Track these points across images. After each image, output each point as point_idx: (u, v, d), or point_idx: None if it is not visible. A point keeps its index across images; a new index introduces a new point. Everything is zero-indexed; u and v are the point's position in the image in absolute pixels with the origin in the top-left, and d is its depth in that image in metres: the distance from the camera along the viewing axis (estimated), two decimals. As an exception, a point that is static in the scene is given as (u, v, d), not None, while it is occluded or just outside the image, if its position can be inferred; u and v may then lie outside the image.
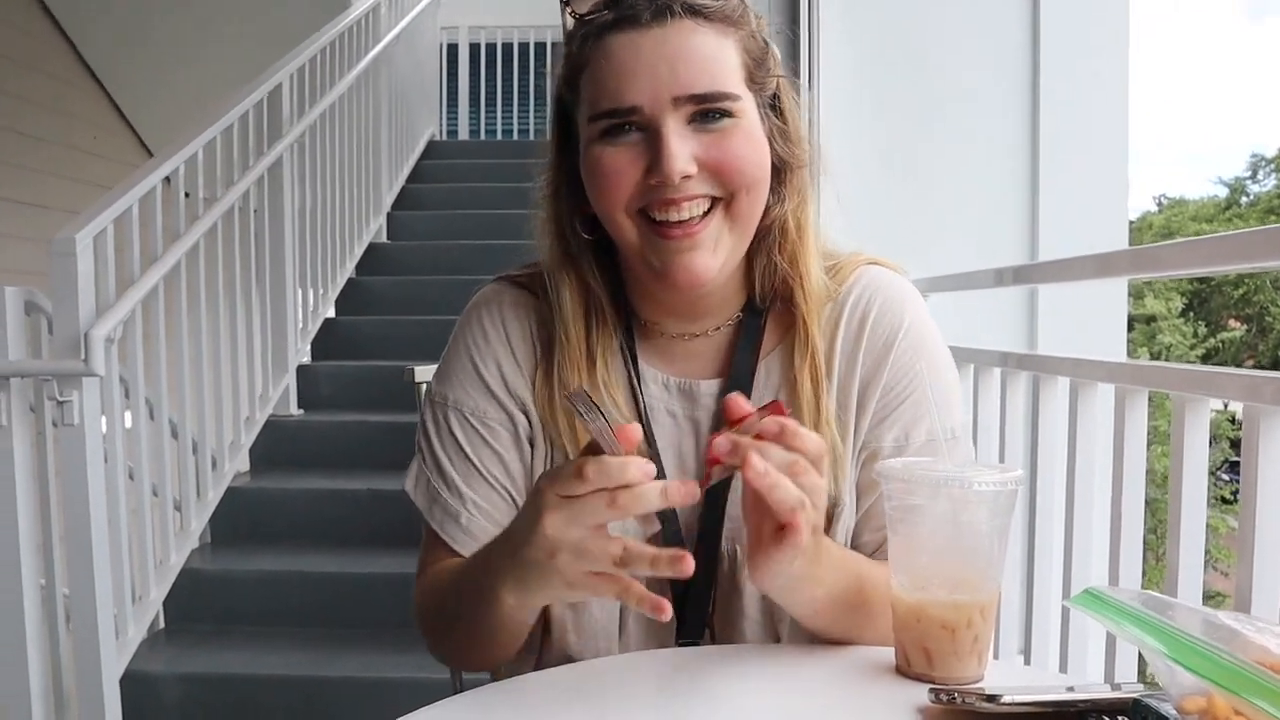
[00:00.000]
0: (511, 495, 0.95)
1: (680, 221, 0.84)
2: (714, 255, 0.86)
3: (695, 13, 0.82)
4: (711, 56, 0.82)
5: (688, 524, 0.92)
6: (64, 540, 2.29)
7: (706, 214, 0.85)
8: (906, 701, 0.75)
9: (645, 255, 0.87)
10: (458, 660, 0.96)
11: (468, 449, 0.95)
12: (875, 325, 0.93)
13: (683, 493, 0.67)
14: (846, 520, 0.92)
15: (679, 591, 0.90)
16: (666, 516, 0.91)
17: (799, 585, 0.78)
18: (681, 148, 0.81)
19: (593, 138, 0.85)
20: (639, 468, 0.66)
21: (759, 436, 0.71)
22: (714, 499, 0.90)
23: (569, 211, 0.92)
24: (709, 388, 0.94)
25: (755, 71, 0.86)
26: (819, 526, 0.75)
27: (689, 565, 0.67)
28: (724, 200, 0.85)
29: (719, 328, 0.95)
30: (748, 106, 0.85)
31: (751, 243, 0.91)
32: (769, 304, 0.94)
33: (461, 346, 0.98)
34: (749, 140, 0.85)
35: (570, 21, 0.87)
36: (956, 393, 0.97)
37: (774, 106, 0.89)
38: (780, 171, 0.90)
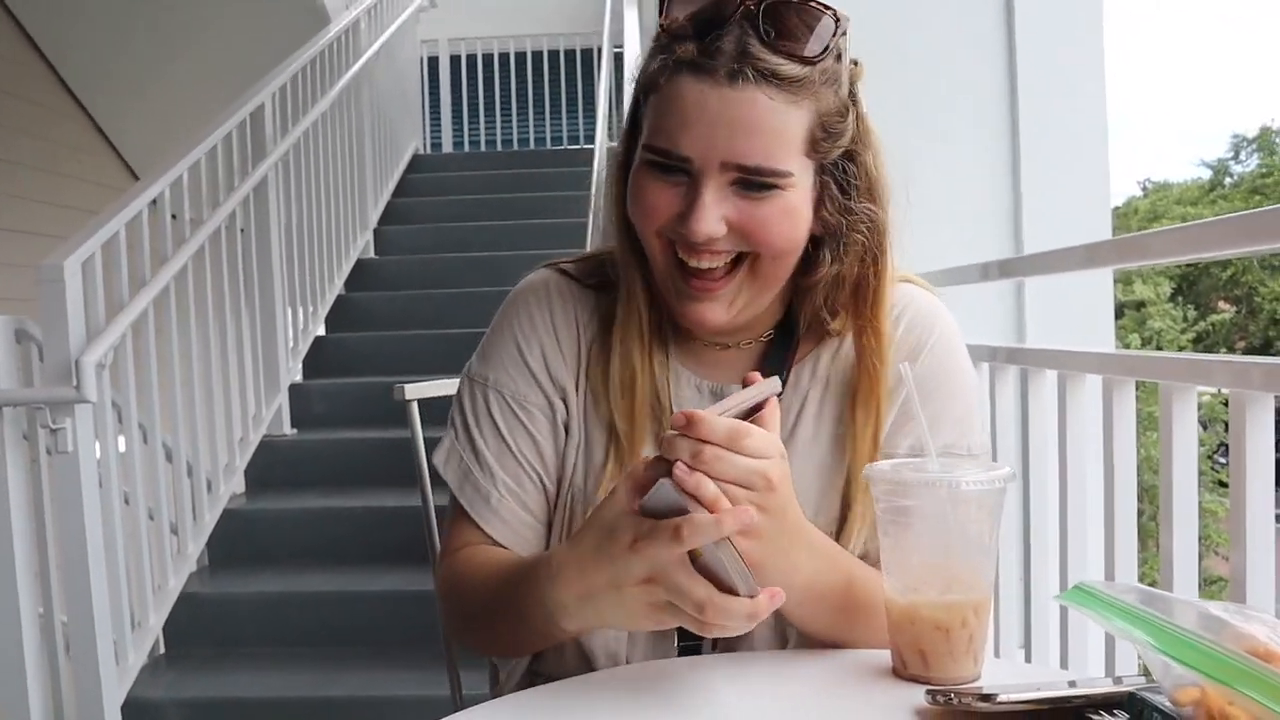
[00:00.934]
0: (543, 480, 0.96)
1: (700, 271, 0.86)
2: (728, 309, 0.88)
3: (770, 80, 0.81)
4: (772, 130, 0.82)
5: None
6: (61, 568, 2.28)
7: (730, 269, 0.87)
8: (903, 703, 0.76)
9: (666, 284, 0.90)
10: (478, 648, 0.96)
11: (504, 430, 0.96)
12: (903, 338, 0.95)
13: (737, 518, 0.70)
14: (857, 532, 0.93)
15: None
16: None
17: (772, 569, 0.77)
18: (714, 210, 0.83)
19: (644, 160, 0.87)
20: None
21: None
22: None
23: (624, 203, 0.93)
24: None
25: (821, 140, 0.85)
26: (781, 509, 0.76)
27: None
28: (749, 257, 0.87)
29: (751, 341, 0.97)
30: (798, 180, 0.85)
31: (796, 286, 0.93)
32: (804, 331, 0.96)
33: (506, 329, 0.99)
34: (786, 213, 0.85)
35: (661, 20, 0.86)
36: (976, 414, 0.98)
37: (838, 171, 0.88)
38: (835, 234, 0.89)
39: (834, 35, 0.83)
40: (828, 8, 0.83)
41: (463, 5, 7.41)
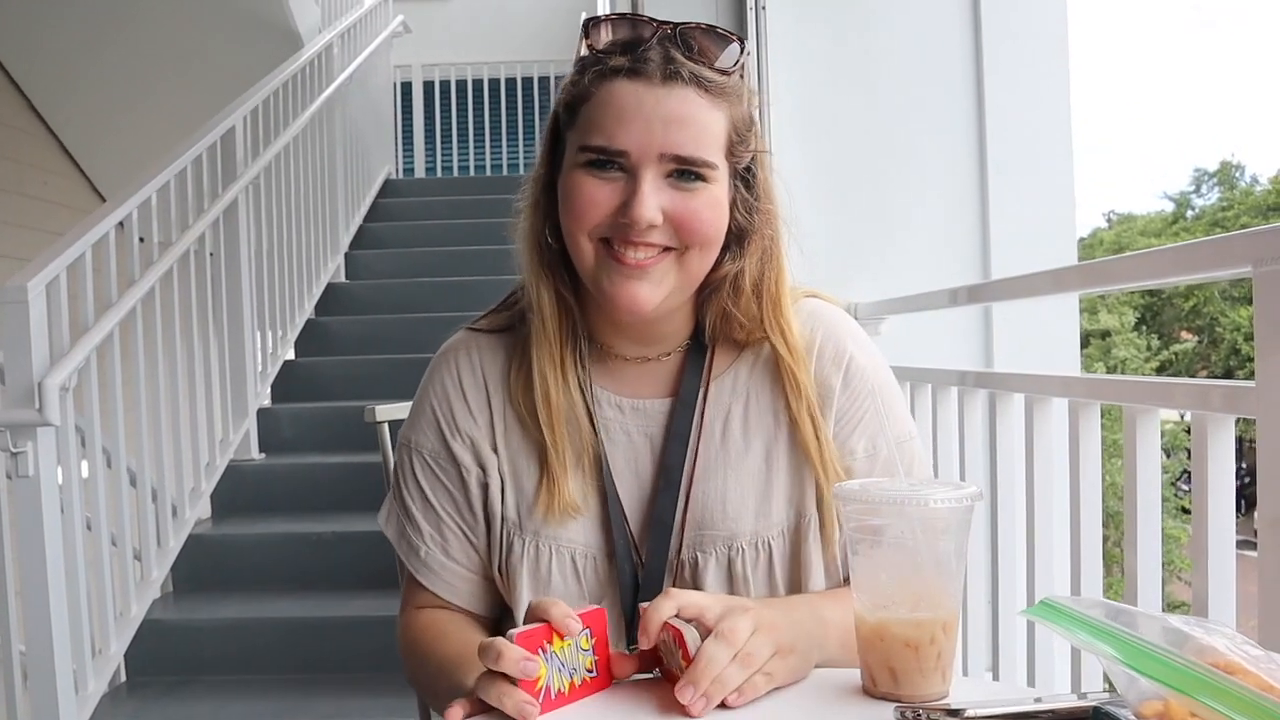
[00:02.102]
0: (464, 530, 1.02)
1: (634, 257, 0.92)
2: (656, 289, 0.93)
3: (699, 84, 0.90)
4: (702, 125, 0.90)
5: (640, 532, 0.98)
6: (20, 595, 2.24)
7: (659, 255, 0.93)
8: (873, 720, 0.76)
9: (596, 276, 0.94)
10: (432, 704, 1.02)
11: (425, 488, 1.03)
12: (821, 353, 1.01)
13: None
14: (816, 534, 0.98)
15: (629, 598, 0.96)
16: (618, 526, 0.97)
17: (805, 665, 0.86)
18: (653, 199, 0.89)
19: (578, 164, 0.92)
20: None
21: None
22: (665, 507, 0.98)
23: (544, 222, 0.98)
24: (659, 406, 1.01)
25: (736, 145, 0.94)
26: (780, 650, 0.81)
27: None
28: (677, 250, 0.93)
29: (669, 354, 1.03)
30: (720, 175, 0.93)
31: (703, 290, 0.99)
32: (715, 338, 1.02)
33: (424, 395, 1.06)
34: (712, 205, 0.93)
35: (584, 50, 0.94)
36: (904, 401, 1.09)
37: (745, 177, 0.97)
38: (741, 235, 0.97)
39: (741, 54, 0.93)
40: (734, 34, 0.93)
41: (436, 32, 7.43)
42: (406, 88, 7.45)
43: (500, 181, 6.59)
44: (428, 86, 7.67)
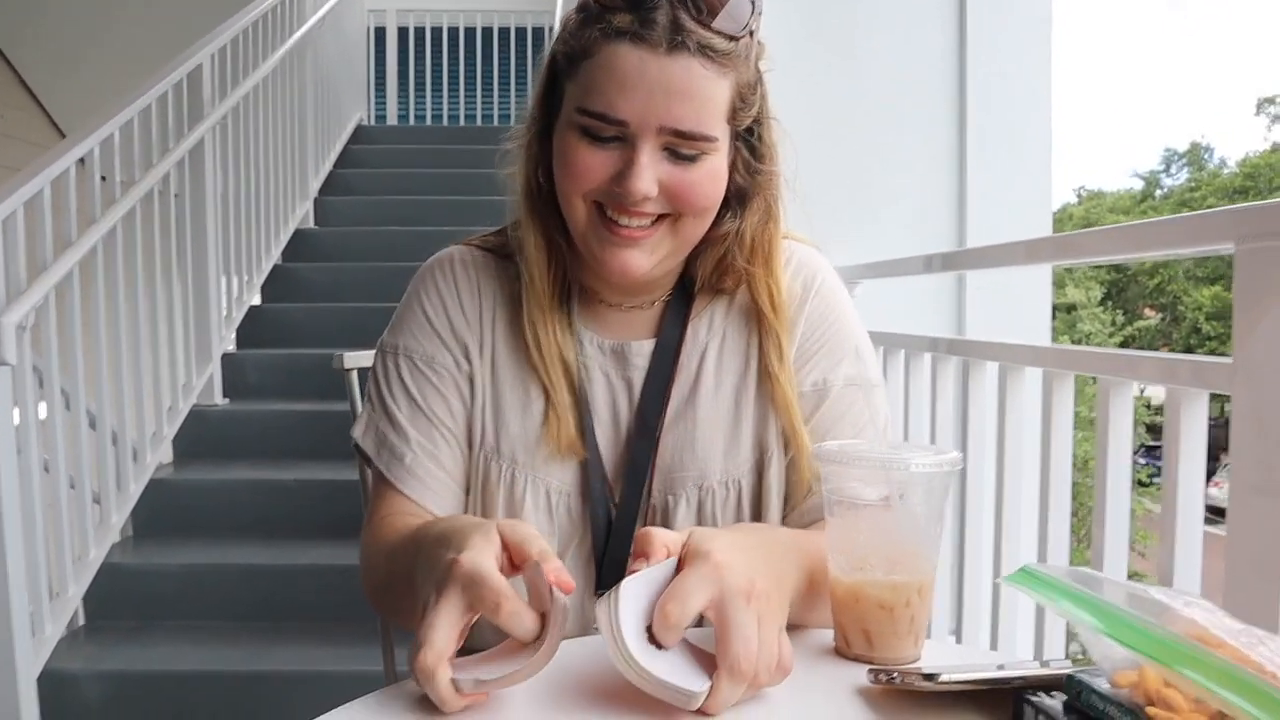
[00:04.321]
0: (455, 437, 0.99)
1: (628, 225, 0.91)
2: (649, 257, 0.93)
3: (705, 53, 0.86)
4: (705, 98, 0.87)
5: (614, 474, 0.98)
6: (-26, 536, 2.20)
7: (653, 224, 0.92)
8: (846, 683, 0.76)
9: (587, 239, 0.93)
10: (388, 615, 0.99)
11: (415, 392, 0.99)
12: (791, 283, 1.01)
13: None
14: (776, 469, 0.98)
15: (600, 540, 0.96)
16: (592, 467, 0.97)
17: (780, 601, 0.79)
18: (650, 171, 0.87)
19: (574, 124, 0.89)
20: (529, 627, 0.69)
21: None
22: (641, 451, 0.97)
23: (535, 167, 0.97)
24: (641, 348, 1.01)
25: (739, 110, 0.91)
26: (764, 616, 0.71)
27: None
28: (671, 217, 0.92)
29: (654, 302, 1.03)
30: (721, 145, 0.91)
31: (700, 245, 0.97)
32: (702, 288, 1.01)
33: (414, 298, 1.03)
34: (710, 176, 0.91)
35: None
36: (869, 347, 1.06)
37: (748, 136, 0.94)
38: (741, 195, 0.96)
39: (751, 15, 0.89)
40: None
41: (411, -24, 7.29)
42: (380, 33, 7.32)
43: (475, 132, 6.50)
44: (402, 32, 7.53)
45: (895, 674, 0.71)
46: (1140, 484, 15.34)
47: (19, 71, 5.11)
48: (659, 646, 0.70)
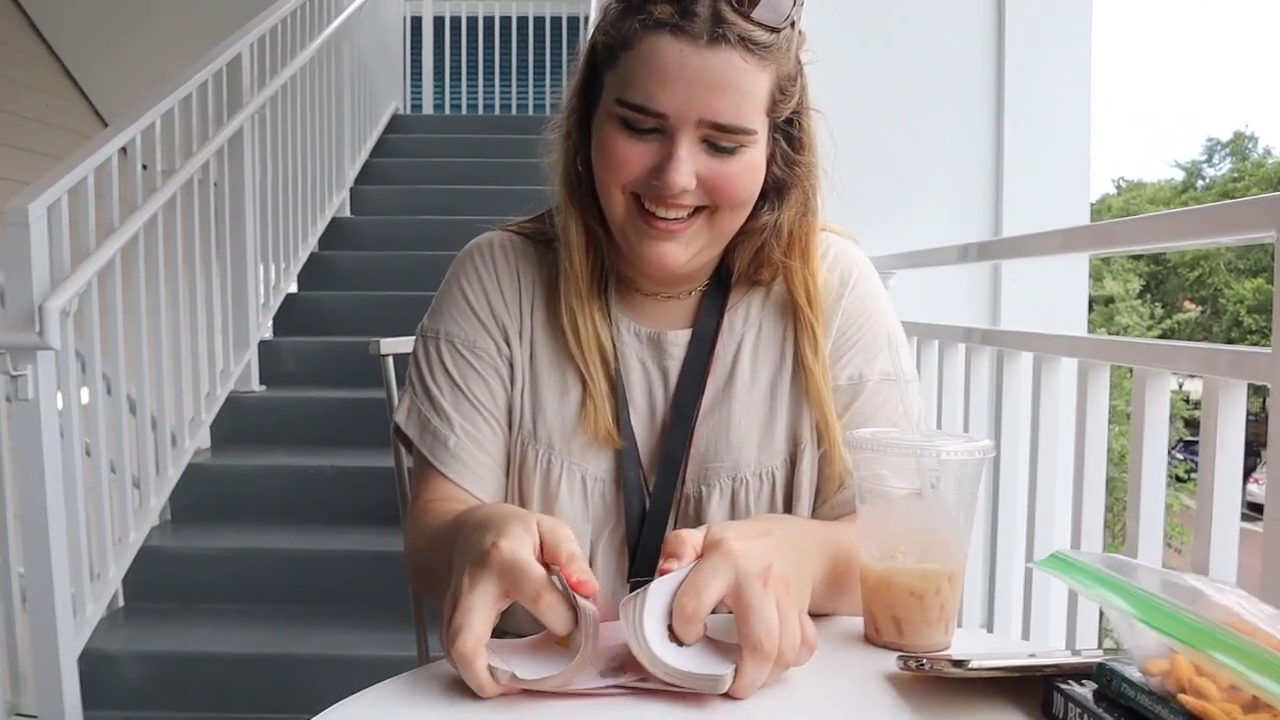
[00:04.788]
0: (497, 421, 1.00)
1: (665, 217, 0.91)
2: (685, 249, 0.93)
3: (746, 46, 0.86)
4: (745, 91, 0.87)
5: (649, 463, 0.99)
6: (19, 518, 2.25)
7: (690, 216, 0.92)
8: (875, 669, 0.76)
9: (625, 230, 0.93)
10: (431, 600, 0.97)
11: (456, 376, 1.00)
12: (828, 275, 1.01)
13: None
14: (809, 461, 0.98)
15: (634, 529, 0.96)
16: (628, 455, 0.97)
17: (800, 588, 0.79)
18: (688, 164, 0.87)
19: (613, 115, 0.89)
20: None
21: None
22: (676, 441, 0.97)
23: (575, 155, 0.97)
24: (677, 338, 1.01)
25: (779, 101, 0.91)
26: (783, 598, 0.71)
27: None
28: (708, 209, 0.92)
29: (690, 292, 1.02)
30: (759, 137, 0.90)
31: (737, 237, 0.97)
32: (738, 279, 1.01)
33: (454, 283, 1.04)
34: (748, 169, 0.91)
35: None
36: (905, 342, 1.06)
37: (786, 128, 0.94)
38: (779, 187, 0.96)
39: (793, 6, 0.88)
40: None
41: (447, -34, 7.31)
42: (416, 22, 7.34)
43: (509, 121, 6.52)
44: (438, 22, 7.55)
45: (925, 660, 0.71)
46: (1178, 479, 15.11)
47: (63, 60, 5.19)
48: (682, 644, 0.71)
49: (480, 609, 0.69)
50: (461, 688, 0.72)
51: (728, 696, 0.69)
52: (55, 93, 5.19)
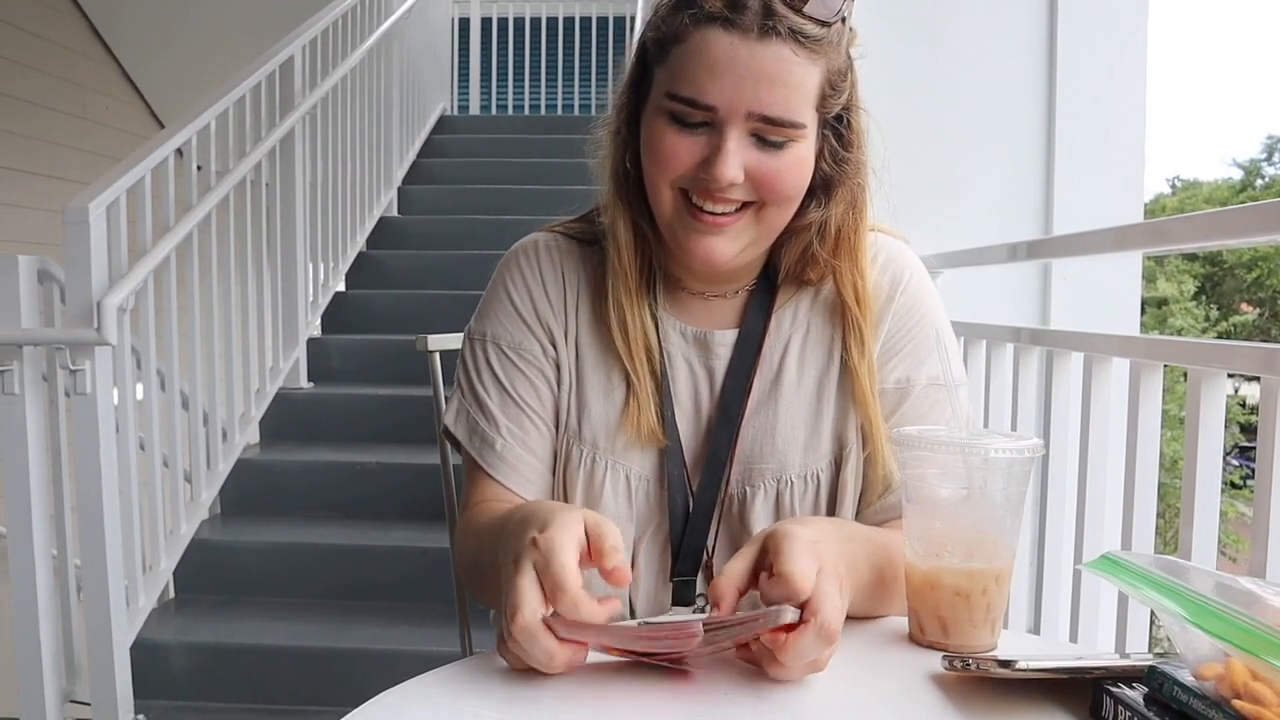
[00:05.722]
0: (544, 422, 1.00)
1: (713, 212, 0.90)
2: (733, 244, 0.92)
3: (797, 39, 0.86)
4: (794, 85, 0.87)
5: (693, 463, 0.98)
6: (76, 510, 2.30)
7: (738, 211, 0.91)
8: (920, 669, 0.75)
9: (673, 226, 0.93)
10: (480, 599, 1.00)
11: (503, 379, 1.01)
12: (879, 278, 1.00)
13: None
14: (855, 464, 0.98)
15: (678, 529, 0.96)
16: (672, 454, 0.97)
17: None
18: (737, 157, 0.87)
19: (663, 110, 0.89)
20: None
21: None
22: (721, 441, 0.97)
23: (624, 151, 0.97)
24: (724, 337, 1.00)
25: (829, 97, 0.90)
26: (831, 619, 0.71)
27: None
28: (756, 205, 0.91)
29: (737, 291, 1.02)
30: (808, 132, 0.90)
31: (782, 234, 0.96)
32: (786, 279, 1.01)
33: (499, 285, 1.04)
34: (796, 164, 0.90)
35: None
36: (955, 346, 1.05)
37: (836, 124, 0.93)
38: (827, 184, 0.95)
39: (845, 1, 0.88)
40: None
41: (494, -32, 7.36)
42: (464, 24, 7.40)
43: (555, 121, 6.55)
44: (485, 23, 7.60)
45: (970, 660, 0.70)
46: (1233, 485, 14.78)
47: (122, 64, 5.30)
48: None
49: (530, 587, 0.71)
50: (503, 679, 0.72)
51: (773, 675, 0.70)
52: (115, 95, 5.31)
